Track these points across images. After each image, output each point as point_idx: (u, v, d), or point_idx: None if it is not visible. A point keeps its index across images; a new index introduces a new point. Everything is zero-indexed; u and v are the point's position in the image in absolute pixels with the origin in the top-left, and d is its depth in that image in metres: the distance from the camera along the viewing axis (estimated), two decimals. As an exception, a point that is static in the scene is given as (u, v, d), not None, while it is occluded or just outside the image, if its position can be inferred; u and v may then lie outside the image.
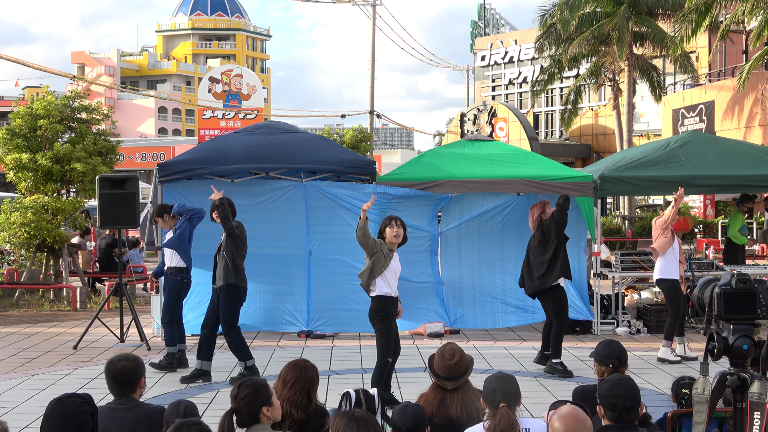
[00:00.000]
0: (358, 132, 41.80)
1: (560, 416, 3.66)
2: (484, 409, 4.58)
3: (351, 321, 11.21)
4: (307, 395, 4.70)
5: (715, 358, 3.85)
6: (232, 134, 12.53)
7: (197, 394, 8.26)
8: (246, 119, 29.80)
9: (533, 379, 8.94)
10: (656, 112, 35.39)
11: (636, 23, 27.53)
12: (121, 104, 76.03)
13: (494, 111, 41.27)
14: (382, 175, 12.47)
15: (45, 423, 3.71)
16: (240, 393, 4.19)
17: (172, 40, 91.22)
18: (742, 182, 11.99)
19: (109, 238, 16.43)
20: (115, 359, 4.62)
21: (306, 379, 4.73)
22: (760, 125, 24.91)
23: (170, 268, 9.53)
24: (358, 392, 4.47)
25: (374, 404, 4.51)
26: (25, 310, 14.58)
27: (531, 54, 44.51)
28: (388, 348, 7.46)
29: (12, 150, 15.24)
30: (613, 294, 12.37)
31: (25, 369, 9.68)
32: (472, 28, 58.32)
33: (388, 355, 7.45)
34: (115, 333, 11.27)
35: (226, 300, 8.75)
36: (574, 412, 3.69)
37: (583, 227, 12.13)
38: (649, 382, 8.62)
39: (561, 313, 9.33)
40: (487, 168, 11.72)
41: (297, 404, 4.65)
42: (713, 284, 3.94)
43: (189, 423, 3.68)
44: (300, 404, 4.66)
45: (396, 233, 7.49)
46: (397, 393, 7.89)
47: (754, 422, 3.69)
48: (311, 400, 4.73)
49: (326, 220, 11.56)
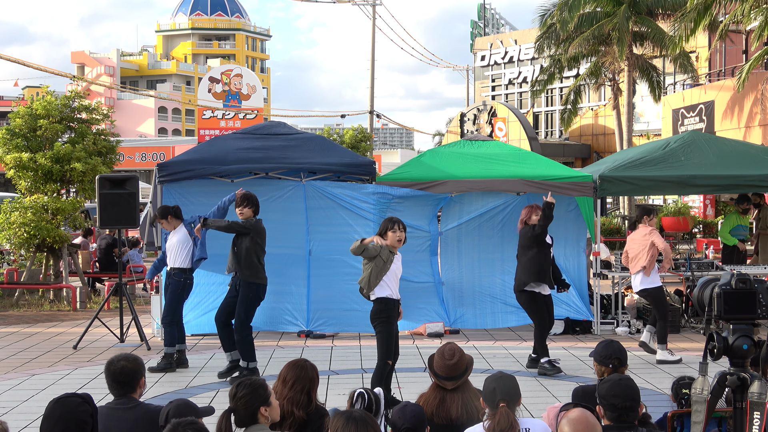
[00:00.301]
0: (358, 132, 41.81)
1: (570, 421, 3.62)
2: (484, 409, 4.58)
3: (351, 321, 11.21)
4: (307, 395, 4.71)
5: (715, 358, 3.85)
6: (232, 134, 12.53)
7: (197, 394, 8.26)
8: (246, 119, 29.80)
9: (533, 379, 8.94)
10: (656, 112, 35.38)
11: (636, 23, 27.53)
12: (121, 104, 76.04)
13: (494, 111, 41.27)
14: (381, 175, 12.47)
15: (45, 423, 3.71)
16: (238, 393, 4.19)
17: (172, 40, 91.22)
18: (742, 182, 11.98)
19: (109, 238, 16.42)
20: (115, 359, 4.62)
21: (306, 379, 4.73)
22: (760, 125, 24.91)
23: (174, 269, 9.52)
24: (368, 393, 4.48)
25: (380, 405, 4.53)
26: (25, 310, 14.58)
27: (531, 54, 44.50)
28: (388, 351, 7.44)
29: (12, 150, 15.24)
30: (612, 294, 12.37)
31: (25, 369, 9.68)
32: (472, 28, 58.31)
33: (388, 357, 7.43)
34: (115, 333, 11.27)
35: (245, 298, 8.75)
36: (584, 416, 3.65)
37: (583, 227, 12.14)
38: (648, 382, 8.62)
39: (536, 315, 9.38)
40: (487, 168, 11.73)
41: (298, 403, 4.65)
42: (713, 284, 3.94)
43: (185, 423, 3.68)
44: (301, 403, 4.66)
45: (399, 237, 7.47)
46: (397, 393, 7.89)
47: (754, 422, 3.69)
48: (311, 400, 4.73)
49: (326, 220, 11.56)
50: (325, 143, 12.35)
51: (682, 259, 12.54)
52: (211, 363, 9.79)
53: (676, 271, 12.28)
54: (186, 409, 4.22)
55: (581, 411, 3.69)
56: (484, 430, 4.37)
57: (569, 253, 12.08)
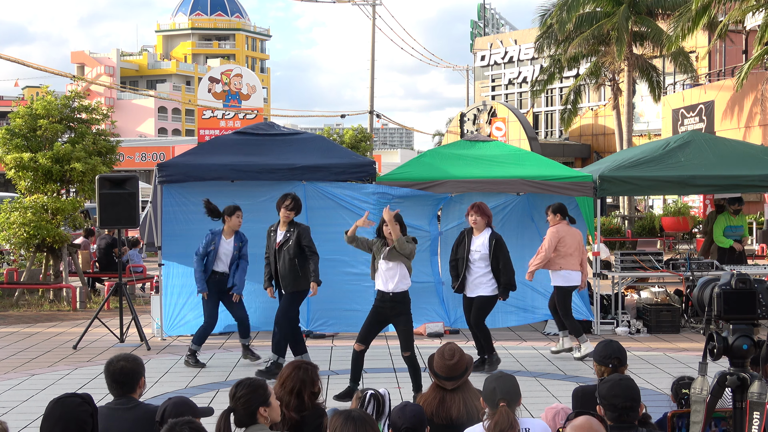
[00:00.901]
0: (358, 132, 41.83)
1: (574, 427, 3.64)
2: (484, 408, 4.58)
3: (351, 321, 11.20)
4: (297, 396, 4.62)
5: (714, 358, 3.85)
6: (232, 134, 12.53)
7: (197, 394, 8.26)
8: (246, 119, 29.78)
9: (533, 379, 8.94)
10: (656, 112, 35.41)
11: (635, 23, 27.55)
12: (120, 104, 76.07)
13: (494, 111, 41.27)
14: (381, 175, 12.47)
15: (45, 423, 3.71)
16: (237, 392, 4.18)
17: (172, 40, 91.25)
18: (742, 182, 11.98)
19: (109, 238, 16.42)
20: (115, 359, 4.62)
21: (297, 380, 4.66)
22: (759, 125, 24.92)
23: None
24: (375, 395, 4.48)
25: (386, 405, 4.52)
26: (24, 310, 14.58)
27: (531, 54, 44.53)
28: (360, 333, 8.03)
29: (12, 150, 15.24)
30: (612, 294, 12.37)
31: (25, 369, 9.68)
32: (472, 28, 58.33)
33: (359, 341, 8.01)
34: (115, 333, 11.28)
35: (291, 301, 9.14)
36: (588, 423, 3.66)
37: (583, 227, 12.13)
38: (649, 382, 8.62)
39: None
40: (487, 168, 11.73)
41: (287, 404, 4.59)
42: (713, 284, 3.94)
43: (182, 422, 3.67)
44: (290, 405, 4.60)
45: (389, 231, 7.82)
46: (396, 393, 7.90)
47: (754, 422, 3.69)
48: (303, 401, 4.64)
49: (326, 220, 11.55)
50: (324, 143, 12.36)
51: (682, 259, 12.53)
52: (211, 363, 9.79)
53: (675, 271, 12.28)
54: (183, 407, 4.21)
55: (586, 418, 3.70)
56: (484, 430, 4.37)
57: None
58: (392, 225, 7.63)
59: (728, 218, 13.50)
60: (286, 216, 9.12)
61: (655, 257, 12.34)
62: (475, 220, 9.17)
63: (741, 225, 13.54)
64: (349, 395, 7.78)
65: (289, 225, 9.15)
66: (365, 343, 8.01)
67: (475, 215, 9.15)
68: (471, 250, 9.13)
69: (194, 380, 8.99)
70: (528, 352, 10.09)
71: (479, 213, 9.18)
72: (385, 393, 4.88)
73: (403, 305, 7.92)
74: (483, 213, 9.21)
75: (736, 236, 13.49)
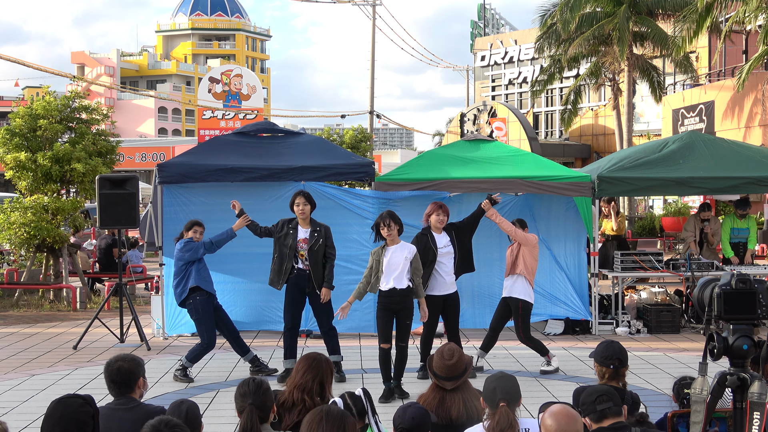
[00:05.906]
0: (358, 132, 41.84)
1: (552, 414, 3.71)
2: (484, 408, 4.58)
3: (351, 321, 11.19)
4: (320, 384, 4.76)
5: (715, 358, 3.85)
6: (232, 134, 12.54)
7: (197, 394, 8.25)
8: (246, 119, 29.77)
9: (533, 379, 8.94)
10: (656, 112, 35.39)
11: (636, 23, 27.53)
12: (120, 104, 76.07)
13: (494, 111, 41.25)
14: (381, 175, 12.47)
15: (45, 423, 3.71)
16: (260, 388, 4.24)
17: (172, 40, 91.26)
18: (740, 183, 11.96)
19: (109, 238, 16.41)
20: (113, 360, 4.62)
21: (319, 369, 4.81)
22: (760, 125, 24.91)
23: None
24: (344, 397, 4.46)
25: (363, 405, 4.50)
26: (25, 310, 14.58)
27: (531, 54, 44.50)
28: (380, 334, 8.18)
29: (12, 150, 15.24)
30: (612, 294, 12.37)
31: (25, 369, 9.68)
32: (472, 28, 58.30)
33: (382, 341, 8.15)
34: (115, 333, 11.27)
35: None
36: (565, 409, 3.75)
37: (583, 226, 12.13)
38: (649, 383, 8.62)
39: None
40: (486, 168, 11.72)
41: (310, 391, 4.71)
42: (713, 284, 3.94)
43: (171, 424, 3.65)
44: (313, 391, 4.71)
45: (388, 233, 8.06)
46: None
47: (754, 422, 3.69)
48: (324, 390, 4.78)
49: (326, 220, 11.50)
50: (324, 144, 12.37)
51: (682, 259, 12.53)
52: (210, 363, 9.78)
53: (676, 271, 12.27)
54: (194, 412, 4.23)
55: (562, 405, 3.82)
56: (484, 430, 4.37)
57: (569, 252, 12.07)
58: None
59: (734, 220, 13.47)
60: (303, 212, 8.91)
61: (655, 257, 12.34)
62: (443, 219, 9.00)
63: (747, 228, 13.46)
64: (389, 396, 7.96)
65: (313, 224, 9.03)
66: (390, 341, 8.20)
67: (443, 215, 8.97)
68: (439, 248, 8.85)
69: (194, 380, 8.98)
70: (528, 352, 10.07)
71: (447, 212, 9.02)
72: (360, 394, 4.83)
73: (411, 299, 8.22)
74: (447, 211, 9.11)
75: (741, 238, 13.44)
